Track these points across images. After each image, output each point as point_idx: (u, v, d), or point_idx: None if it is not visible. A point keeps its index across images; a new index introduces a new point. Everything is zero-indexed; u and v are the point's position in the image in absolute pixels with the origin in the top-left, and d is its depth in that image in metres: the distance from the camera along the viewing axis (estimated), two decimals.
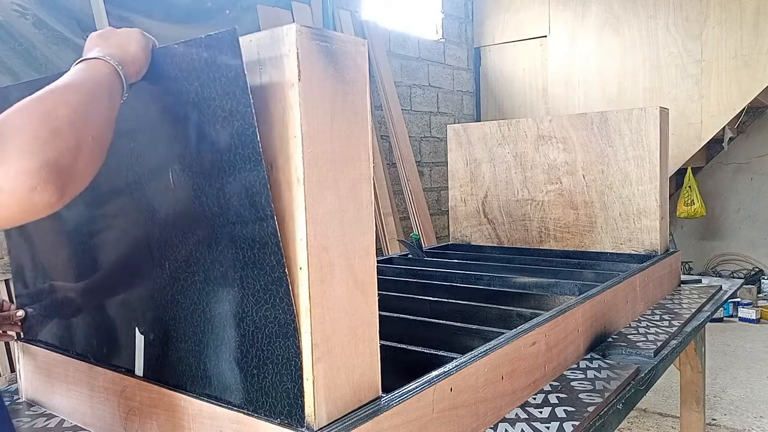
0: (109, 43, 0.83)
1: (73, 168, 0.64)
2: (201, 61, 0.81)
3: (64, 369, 1.20)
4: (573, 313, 1.41)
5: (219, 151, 0.83)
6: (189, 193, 0.89)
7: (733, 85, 4.52)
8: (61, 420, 1.19)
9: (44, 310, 1.24)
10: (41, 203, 0.61)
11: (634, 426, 3.13)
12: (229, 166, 0.82)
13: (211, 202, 0.86)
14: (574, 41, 5.28)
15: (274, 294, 0.81)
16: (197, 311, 0.93)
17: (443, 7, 5.49)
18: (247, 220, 0.81)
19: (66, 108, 0.67)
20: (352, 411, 0.86)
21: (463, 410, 1.03)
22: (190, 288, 0.93)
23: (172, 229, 0.94)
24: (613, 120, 2.25)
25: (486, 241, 2.66)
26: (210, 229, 0.87)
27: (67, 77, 0.74)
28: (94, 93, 0.74)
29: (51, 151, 0.62)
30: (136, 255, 1.02)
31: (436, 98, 5.38)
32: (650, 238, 2.21)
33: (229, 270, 0.86)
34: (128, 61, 0.82)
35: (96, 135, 0.69)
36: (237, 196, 0.82)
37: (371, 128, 0.90)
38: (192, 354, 0.95)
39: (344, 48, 0.83)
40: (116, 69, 0.79)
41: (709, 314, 1.94)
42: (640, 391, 1.35)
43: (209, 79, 0.81)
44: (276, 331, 0.81)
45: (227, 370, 0.90)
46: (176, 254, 0.94)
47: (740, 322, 4.94)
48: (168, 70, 0.86)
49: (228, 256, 0.86)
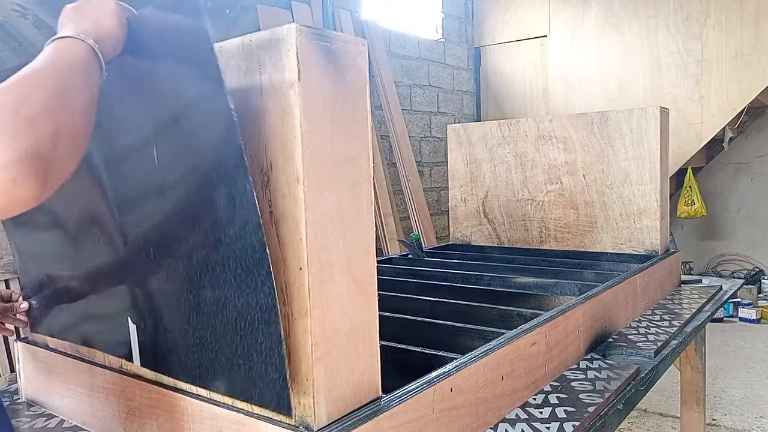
0: (82, 17, 0.77)
1: (53, 156, 0.61)
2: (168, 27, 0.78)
3: (64, 369, 1.20)
4: (573, 313, 1.41)
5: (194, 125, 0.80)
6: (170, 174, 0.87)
7: (734, 85, 4.51)
8: (61, 420, 1.19)
9: (45, 302, 1.23)
10: (23, 196, 0.59)
11: (635, 426, 3.13)
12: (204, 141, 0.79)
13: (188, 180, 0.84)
14: (575, 41, 5.28)
15: (255, 276, 0.79)
16: (182, 299, 0.92)
17: (443, 7, 5.49)
18: (228, 196, 0.79)
19: (39, 93, 0.63)
20: (352, 411, 0.86)
21: (463, 410, 1.03)
22: (173, 274, 0.92)
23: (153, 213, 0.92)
24: (614, 120, 2.25)
25: (486, 241, 2.66)
26: (190, 210, 0.85)
27: (39, 61, 0.69)
28: (70, 75, 0.69)
29: (27, 140, 0.59)
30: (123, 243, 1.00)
31: (436, 98, 5.38)
32: (650, 238, 2.21)
33: (211, 253, 0.84)
34: (104, 37, 0.76)
35: (75, 120, 0.66)
36: (213, 171, 0.79)
37: (371, 128, 0.90)
38: (180, 343, 0.94)
39: (344, 48, 0.83)
40: (92, 47, 0.74)
41: (710, 314, 1.94)
42: (640, 391, 1.35)
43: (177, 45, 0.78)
44: (258, 317, 0.80)
45: (214, 360, 0.89)
46: (159, 239, 0.93)
47: (740, 322, 4.94)
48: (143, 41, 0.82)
49: (210, 238, 0.83)
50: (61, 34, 0.74)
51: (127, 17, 0.81)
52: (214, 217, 0.82)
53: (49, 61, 0.70)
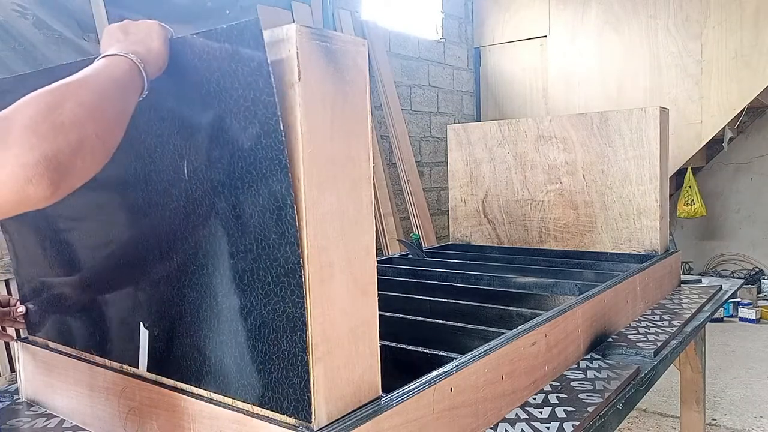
0: (130, 39, 0.81)
1: (71, 164, 0.64)
2: (222, 51, 0.79)
3: (64, 369, 1.20)
4: (573, 313, 1.41)
5: (237, 143, 0.81)
6: (204, 185, 0.88)
7: (733, 85, 4.51)
8: (61, 420, 1.19)
9: (46, 306, 1.23)
10: (35, 196, 0.62)
11: (634, 426, 3.13)
12: (248, 156, 0.80)
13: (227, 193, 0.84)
14: (574, 41, 5.28)
15: (285, 286, 0.80)
16: (204, 305, 0.92)
17: (443, 7, 5.49)
18: (265, 210, 0.80)
19: (73, 103, 0.66)
20: (352, 411, 0.86)
21: (463, 410, 1.03)
22: (198, 281, 0.93)
23: (183, 221, 0.93)
24: (613, 120, 2.25)
25: (486, 241, 2.66)
26: (223, 220, 0.86)
27: (84, 72, 0.72)
28: (108, 90, 0.72)
29: (50, 145, 0.62)
30: (142, 249, 1.01)
31: (436, 98, 5.38)
32: (650, 238, 2.21)
33: (240, 262, 0.85)
34: (151, 59, 0.80)
35: (102, 133, 0.68)
36: (257, 186, 0.80)
37: (371, 128, 0.90)
38: (197, 349, 0.94)
39: (344, 48, 0.83)
40: (138, 66, 0.77)
41: (709, 314, 1.94)
42: (640, 391, 1.35)
43: (230, 69, 0.79)
44: (284, 325, 0.81)
45: (233, 365, 0.89)
46: (185, 246, 0.93)
47: (740, 322, 4.94)
48: (187, 61, 0.84)
49: (241, 247, 0.84)
50: (110, 52, 0.78)
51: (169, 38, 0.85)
52: (248, 227, 0.83)
53: (94, 73, 0.72)
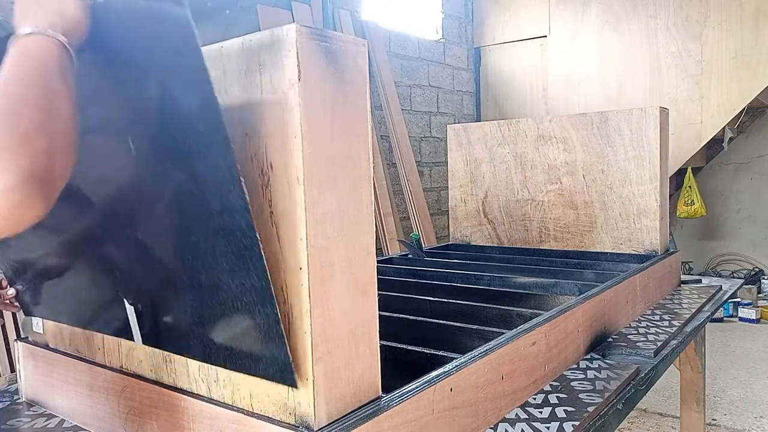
0: (43, 7, 0.68)
1: (51, 171, 0.59)
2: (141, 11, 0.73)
3: (64, 369, 1.20)
4: (573, 313, 1.41)
5: (175, 113, 0.78)
6: (150, 159, 0.85)
7: (733, 85, 4.52)
8: (61, 420, 1.19)
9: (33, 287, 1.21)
10: (29, 217, 0.59)
11: (634, 426, 3.13)
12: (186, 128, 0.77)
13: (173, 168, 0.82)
14: (574, 41, 5.28)
15: (247, 261, 0.78)
16: (176, 281, 0.91)
17: (443, 7, 5.49)
18: (212, 185, 0.77)
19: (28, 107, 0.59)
20: (352, 411, 0.86)
21: (463, 410, 1.03)
22: (166, 258, 0.91)
23: (138, 197, 0.91)
24: (613, 120, 2.25)
25: (486, 241, 2.66)
26: (177, 196, 0.84)
27: (12, 68, 0.62)
28: (49, 81, 0.63)
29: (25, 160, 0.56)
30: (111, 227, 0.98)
31: (436, 98, 5.38)
32: (650, 238, 2.21)
33: (200, 239, 0.83)
34: (71, 28, 0.69)
35: (65, 127, 0.62)
36: (200, 159, 0.78)
37: (371, 128, 0.90)
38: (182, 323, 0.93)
39: (344, 48, 0.83)
40: (62, 44, 0.67)
41: (709, 314, 1.94)
42: (640, 391, 1.35)
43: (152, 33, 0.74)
44: (254, 299, 0.80)
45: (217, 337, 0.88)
46: (148, 224, 0.91)
47: (740, 322, 4.94)
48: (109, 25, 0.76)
49: (199, 224, 0.82)
50: (25, 30, 0.66)
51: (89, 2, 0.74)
52: (197, 201, 0.80)
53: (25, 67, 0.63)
